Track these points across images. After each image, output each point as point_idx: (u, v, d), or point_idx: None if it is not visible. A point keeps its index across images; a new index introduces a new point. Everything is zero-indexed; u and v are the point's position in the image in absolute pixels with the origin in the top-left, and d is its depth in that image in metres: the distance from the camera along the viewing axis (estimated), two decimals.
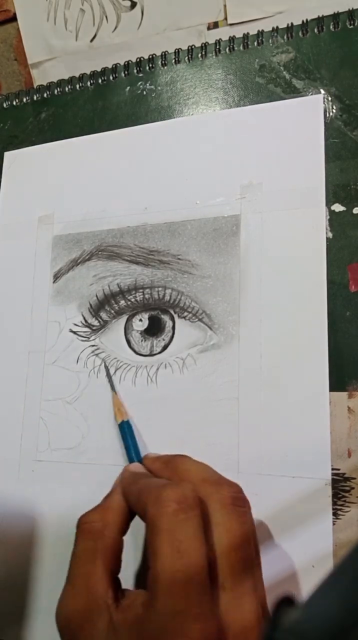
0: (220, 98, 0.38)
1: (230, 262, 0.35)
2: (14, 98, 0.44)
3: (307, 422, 0.31)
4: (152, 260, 0.36)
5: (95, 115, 0.41)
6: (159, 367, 0.35)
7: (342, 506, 0.30)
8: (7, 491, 0.37)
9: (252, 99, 0.37)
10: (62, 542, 0.34)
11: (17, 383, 0.38)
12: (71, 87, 0.43)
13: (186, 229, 0.36)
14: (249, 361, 0.33)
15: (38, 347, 0.38)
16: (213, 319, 0.34)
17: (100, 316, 0.37)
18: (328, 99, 0.35)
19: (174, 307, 0.35)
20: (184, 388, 0.34)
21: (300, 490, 0.30)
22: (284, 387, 0.32)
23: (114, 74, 0.41)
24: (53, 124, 0.43)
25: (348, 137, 0.34)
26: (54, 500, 0.35)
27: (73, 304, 0.38)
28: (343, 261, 0.33)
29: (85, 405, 0.36)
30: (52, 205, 0.41)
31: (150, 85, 0.40)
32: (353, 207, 0.33)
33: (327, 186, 0.34)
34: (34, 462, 0.36)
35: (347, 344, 0.31)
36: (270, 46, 0.37)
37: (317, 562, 0.29)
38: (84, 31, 0.45)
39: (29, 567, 0.35)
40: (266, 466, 0.31)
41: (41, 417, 0.37)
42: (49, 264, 0.39)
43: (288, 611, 0.19)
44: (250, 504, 0.27)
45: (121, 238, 0.38)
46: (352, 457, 0.30)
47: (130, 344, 0.36)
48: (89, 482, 0.35)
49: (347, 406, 0.31)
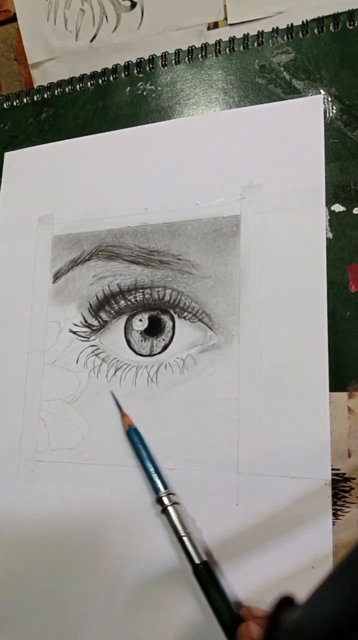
0: (220, 98, 0.38)
1: (230, 263, 0.35)
2: (14, 98, 0.44)
3: (307, 422, 0.31)
4: (152, 261, 0.36)
5: (96, 115, 0.41)
6: (159, 367, 0.35)
7: (342, 506, 0.30)
8: (7, 491, 0.37)
9: (252, 100, 0.37)
10: (61, 542, 0.35)
11: (17, 383, 0.38)
12: (71, 87, 0.43)
13: (186, 229, 0.36)
14: (249, 361, 0.33)
15: (38, 347, 0.38)
16: (213, 319, 0.34)
17: (100, 316, 0.37)
18: (328, 99, 0.35)
19: (174, 307, 0.35)
20: (184, 388, 0.34)
21: (300, 490, 0.30)
22: (284, 387, 0.32)
23: (114, 74, 0.41)
24: (53, 124, 0.43)
25: (348, 137, 0.34)
26: (53, 500, 0.35)
27: (73, 304, 0.38)
28: (343, 261, 0.33)
29: (84, 405, 0.36)
30: (52, 205, 0.41)
31: (150, 85, 0.40)
32: (353, 207, 0.33)
33: (327, 186, 0.34)
34: (34, 462, 0.36)
35: (347, 344, 0.31)
36: (270, 47, 0.37)
37: (316, 562, 0.29)
38: (84, 31, 0.45)
39: (28, 567, 0.35)
40: (266, 466, 0.31)
41: (41, 417, 0.37)
42: (49, 264, 0.39)
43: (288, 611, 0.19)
44: (250, 504, 0.27)
45: (121, 238, 0.38)
46: (352, 457, 0.30)
47: (130, 344, 0.36)
48: (88, 483, 0.35)
49: (347, 406, 0.31)
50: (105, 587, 0.33)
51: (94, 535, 0.34)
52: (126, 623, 0.32)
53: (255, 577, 0.30)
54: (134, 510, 0.33)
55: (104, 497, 0.34)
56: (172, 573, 0.32)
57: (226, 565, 0.31)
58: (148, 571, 0.32)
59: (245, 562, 0.30)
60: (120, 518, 0.34)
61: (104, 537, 0.34)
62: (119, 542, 0.33)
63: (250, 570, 0.30)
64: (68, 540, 0.33)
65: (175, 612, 0.31)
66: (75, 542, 0.34)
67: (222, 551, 0.31)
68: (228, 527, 0.31)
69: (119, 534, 0.33)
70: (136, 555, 0.33)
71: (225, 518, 0.31)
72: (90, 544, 0.34)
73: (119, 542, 0.33)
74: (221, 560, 0.31)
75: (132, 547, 0.33)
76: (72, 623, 0.33)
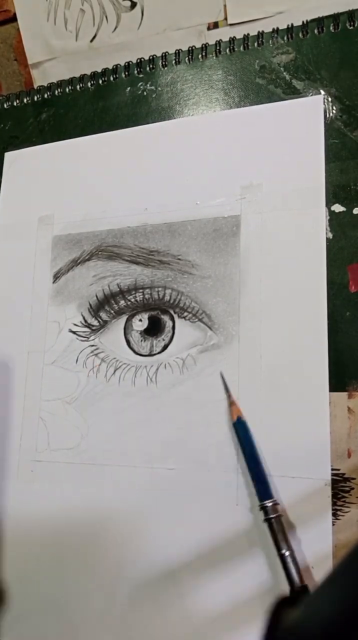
0: (220, 99, 0.38)
1: (230, 263, 0.35)
2: (14, 98, 0.44)
3: (307, 422, 0.31)
4: (152, 261, 0.36)
5: (96, 115, 0.41)
6: (158, 367, 0.35)
7: (341, 507, 0.30)
8: (7, 491, 0.36)
9: (252, 100, 0.37)
10: (61, 542, 0.35)
11: (17, 383, 0.38)
12: (71, 87, 0.43)
13: (186, 230, 0.36)
14: (249, 361, 0.33)
15: (37, 347, 0.38)
16: (213, 319, 0.34)
17: (100, 316, 0.37)
18: (328, 99, 0.35)
19: (174, 307, 0.35)
20: (184, 388, 0.34)
21: (300, 490, 0.30)
22: (284, 387, 0.32)
23: (115, 74, 0.42)
24: (53, 125, 0.43)
25: (348, 137, 0.34)
26: (52, 501, 0.35)
27: (73, 304, 0.38)
28: (343, 261, 0.33)
29: (84, 405, 0.36)
30: (52, 205, 0.41)
31: (150, 85, 0.40)
32: (353, 207, 0.33)
33: (327, 187, 0.34)
34: (33, 462, 0.36)
35: (347, 344, 0.31)
36: (271, 47, 0.37)
37: (316, 563, 0.29)
38: (84, 31, 0.45)
39: (28, 567, 0.35)
40: (266, 466, 0.31)
41: (40, 417, 0.37)
42: (49, 264, 0.39)
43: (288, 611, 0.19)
44: (250, 504, 0.27)
45: (121, 238, 0.38)
46: (351, 457, 0.30)
47: (129, 344, 0.36)
48: (88, 483, 0.35)
49: (347, 406, 0.31)
50: (105, 587, 0.33)
51: (94, 535, 0.34)
52: (126, 623, 0.32)
53: (255, 577, 0.30)
54: (134, 510, 0.33)
55: (104, 497, 0.34)
56: (173, 573, 0.32)
57: (226, 565, 0.31)
58: (148, 571, 0.32)
59: (245, 562, 0.30)
60: (120, 518, 0.34)
61: (103, 537, 0.34)
62: (118, 542, 0.33)
63: (250, 570, 0.30)
64: (68, 540, 0.33)
65: (175, 612, 0.31)
66: (75, 542, 0.34)
67: (222, 551, 0.31)
68: (228, 527, 0.31)
69: (119, 534, 0.33)
70: (136, 556, 0.33)
71: (225, 518, 0.31)
72: (90, 544, 0.34)
73: (119, 542, 0.33)
74: (221, 560, 0.31)
75: (132, 547, 0.33)
76: (72, 623, 0.33)
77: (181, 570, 0.31)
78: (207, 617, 0.30)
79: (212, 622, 0.29)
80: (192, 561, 0.31)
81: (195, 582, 0.30)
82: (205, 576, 0.31)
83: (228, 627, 0.30)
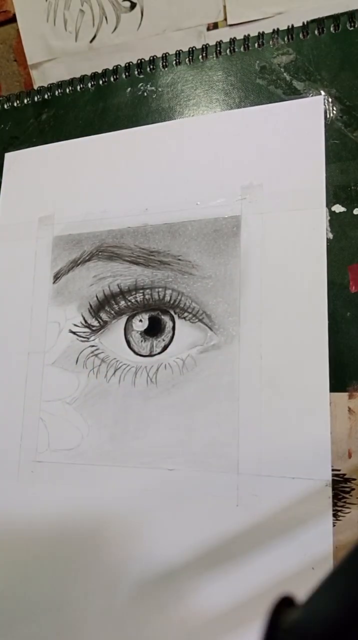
0: (221, 99, 0.38)
1: (230, 263, 0.35)
2: (14, 99, 0.45)
3: (307, 422, 0.31)
4: (153, 261, 0.36)
5: (96, 116, 0.41)
6: (158, 367, 0.35)
7: (342, 507, 0.30)
8: (7, 492, 0.37)
9: (252, 101, 0.37)
10: (61, 543, 0.35)
11: (17, 384, 0.38)
12: (72, 88, 0.43)
13: (187, 230, 0.36)
14: (249, 362, 0.33)
15: (38, 347, 0.38)
16: (213, 319, 0.34)
17: (100, 317, 0.37)
18: (329, 100, 0.35)
19: (174, 308, 0.35)
20: (184, 389, 0.34)
21: (300, 491, 0.30)
22: (284, 387, 0.32)
23: (115, 75, 0.42)
24: (54, 125, 0.43)
25: (348, 138, 0.34)
26: (53, 501, 0.35)
27: (73, 305, 0.38)
28: (344, 262, 0.33)
29: (84, 406, 0.36)
30: (52, 205, 0.41)
31: (151, 86, 0.40)
32: (353, 208, 0.33)
33: (327, 187, 0.34)
34: (34, 462, 0.36)
35: (347, 344, 0.31)
36: (271, 48, 0.37)
37: (316, 563, 0.29)
38: (83, 32, 0.45)
39: (28, 567, 0.35)
40: (266, 467, 0.31)
41: (41, 417, 0.37)
42: (49, 264, 0.39)
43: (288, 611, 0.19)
44: (250, 505, 0.27)
45: (121, 239, 0.38)
46: (352, 457, 0.30)
47: (130, 344, 0.36)
48: (88, 483, 0.35)
49: (348, 407, 0.31)
50: (105, 587, 0.33)
51: (94, 535, 0.34)
52: (126, 623, 0.32)
53: (255, 578, 0.30)
54: (134, 510, 0.33)
55: (104, 498, 0.34)
56: (173, 574, 0.32)
57: (226, 565, 0.31)
58: (148, 572, 0.32)
59: (245, 563, 0.30)
60: (120, 518, 0.34)
61: (104, 538, 0.34)
62: (119, 542, 0.33)
63: (250, 570, 0.30)
64: (68, 540, 0.33)
65: (175, 613, 0.31)
66: (75, 542, 0.34)
67: (222, 552, 0.31)
68: (229, 527, 0.31)
69: (119, 534, 0.33)
70: (136, 556, 0.33)
71: (225, 519, 0.31)
72: (91, 545, 0.34)
73: (119, 543, 0.33)
74: (221, 560, 0.31)
75: (132, 547, 0.33)
76: (72, 623, 0.33)
77: (181, 571, 0.31)
78: (207, 617, 0.30)
79: (211, 622, 0.29)
80: (192, 562, 0.31)
81: (195, 583, 0.30)
82: (204, 577, 0.31)
83: (228, 627, 0.30)
